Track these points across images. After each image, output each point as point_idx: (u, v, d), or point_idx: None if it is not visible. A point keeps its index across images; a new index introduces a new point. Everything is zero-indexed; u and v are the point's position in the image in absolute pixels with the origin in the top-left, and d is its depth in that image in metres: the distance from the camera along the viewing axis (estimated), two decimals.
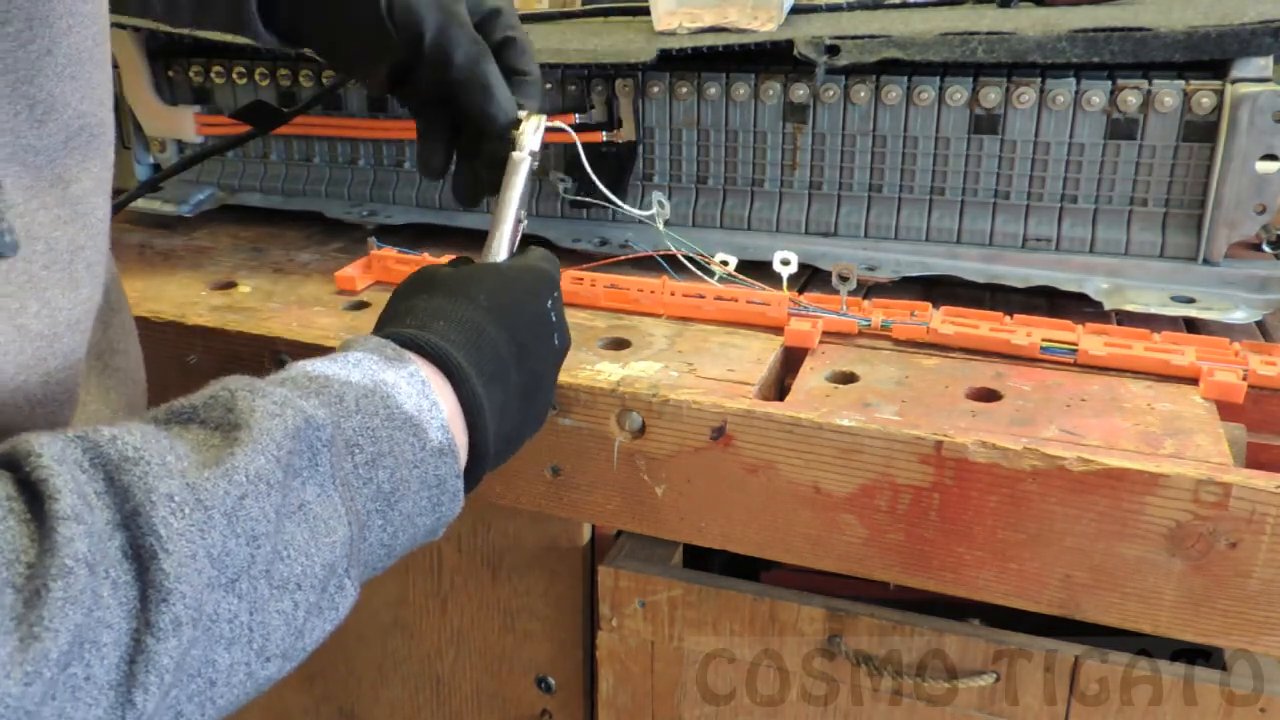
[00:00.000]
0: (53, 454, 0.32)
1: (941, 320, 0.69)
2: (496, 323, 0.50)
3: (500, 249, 0.59)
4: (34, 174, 0.37)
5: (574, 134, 0.66)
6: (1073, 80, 0.72)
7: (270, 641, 0.37)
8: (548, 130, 0.62)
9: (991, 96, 0.74)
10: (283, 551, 0.37)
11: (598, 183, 0.71)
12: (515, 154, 0.60)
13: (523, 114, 0.61)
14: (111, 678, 0.31)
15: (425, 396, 0.45)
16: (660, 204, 0.75)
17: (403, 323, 0.49)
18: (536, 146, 0.61)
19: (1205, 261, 0.73)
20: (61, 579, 0.30)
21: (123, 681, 0.31)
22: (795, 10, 0.93)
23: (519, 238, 0.60)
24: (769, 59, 0.79)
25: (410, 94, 0.62)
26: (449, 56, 0.58)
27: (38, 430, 0.37)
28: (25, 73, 0.36)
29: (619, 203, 0.74)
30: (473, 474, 0.49)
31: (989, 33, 0.72)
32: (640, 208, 0.79)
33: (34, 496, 0.31)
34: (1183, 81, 0.70)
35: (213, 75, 0.94)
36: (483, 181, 0.63)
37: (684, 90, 0.81)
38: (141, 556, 0.32)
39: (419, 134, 0.63)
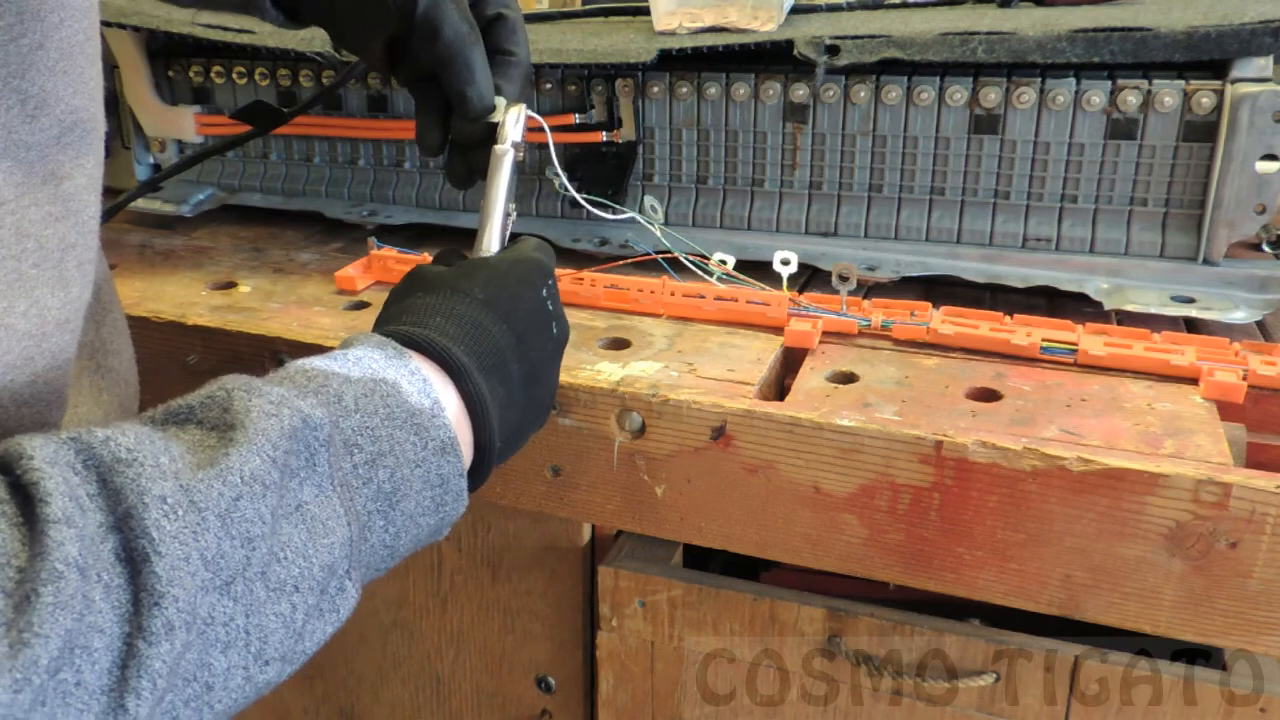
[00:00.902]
0: (45, 456, 0.32)
1: (941, 320, 0.69)
2: (493, 315, 0.50)
3: (491, 243, 0.58)
4: (25, 170, 0.37)
5: (549, 132, 0.66)
6: (1073, 80, 0.72)
7: (268, 644, 0.37)
8: (529, 131, 0.62)
9: (991, 96, 0.74)
10: (279, 553, 0.37)
11: (573, 192, 0.71)
12: (498, 147, 0.60)
13: (502, 102, 0.61)
14: (103, 683, 0.31)
15: (426, 395, 0.44)
16: (653, 208, 0.75)
17: (400, 321, 0.49)
18: (519, 138, 0.60)
19: (1205, 261, 0.73)
20: (52, 583, 0.29)
21: (115, 686, 0.31)
22: (795, 10, 0.93)
23: (509, 231, 0.60)
24: (769, 59, 0.79)
25: (407, 71, 0.62)
26: (437, 30, 0.58)
27: (26, 431, 0.37)
28: (16, 67, 0.36)
29: (593, 210, 0.74)
30: (479, 470, 0.48)
31: (989, 33, 0.72)
32: (637, 209, 0.79)
33: (26, 499, 0.31)
34: (1183, 81, 0.70)
35: (213, 75, 0.94)
36: (473, 165, 0.63)
37: (684, 90, 0.81)
38: (134, 559, 0.32)
39: (416, 111, 0.63)
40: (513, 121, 0.60)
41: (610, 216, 0.76)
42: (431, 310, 0.49)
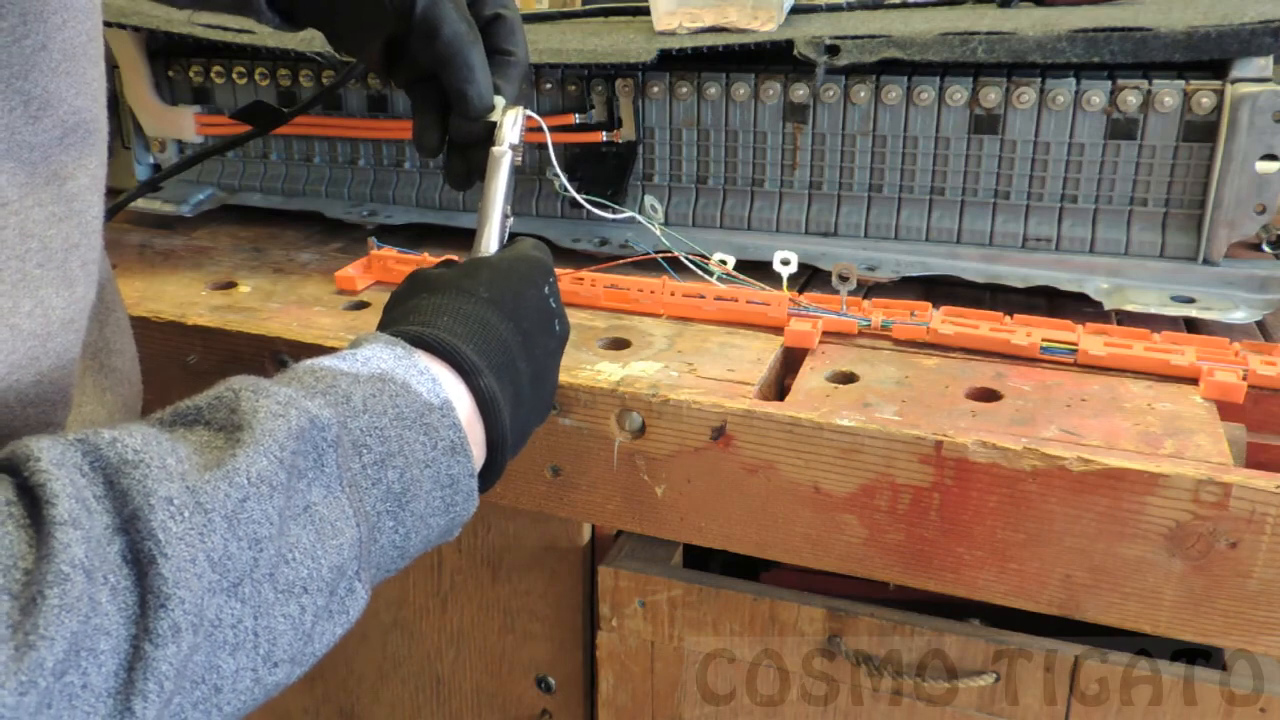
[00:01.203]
0: (52, 458, 0.32)
1: (941, 320, 0.69)
2: (500, 314, 0.50)
3: (490, 243, 0.58)
4: (29, 171, 0.37)
5: (548, 132, 0.66)
6: (1073, 80, 0.72)
7: (277, 646, 0.37)
8: (529, 131, 0.62)
9: (991, 96, 0.74)
10: (287, 554, 0.37)
11: (573, 193, 0.71)
12: (495, 149, 0.60)
13: (500, 102, 0.61)
14: (109, 685, 0.31)
15: (436, 394, 0.44)
16: (653, 207, 0.75)
17: (407, 322, 0.49)
18: (517, 140, 0.60)
19: (1205, 261, 0.73)
20: (58, 585, 0.29)
21: (121, 689, 0.31)
22: (795, 10, 0.93)
23: (507, 233, 0.60)
24: (769, 59, 0.79)
25: (405, 71, 0.62)
26: (436, 30, 0.58)
27: (31, 431, 0.37)
28: (20, 68, 0.36)
29: (593, 209, 0.74)
30: (491, 470, 0.48)
31: (989, 33, 0.72)
32: (637, 209, 0.79)
33: (33, 501, 0.31)
34: (1183, 81, 0.70)
35: (213, 75, 0.94)
36: (471, 165, 0.63)
37: (684, 90, 0.81)
38: (140, 561, 0.32)
39: (413, 111, 0.63)
40: (510, 123, 0.60)
41: (610, 216, 0.76)
42: (438, 310, 0.49)
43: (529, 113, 0.62)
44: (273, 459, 0.36)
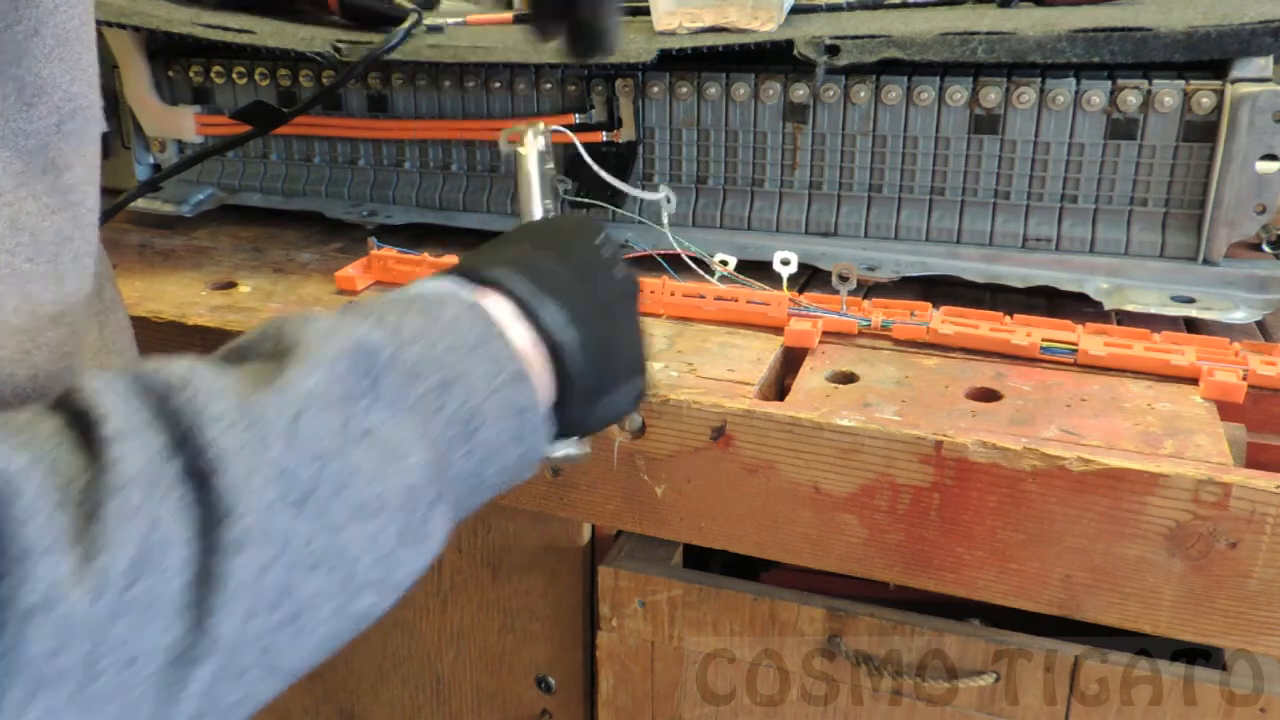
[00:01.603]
0: (98, 386, 0.31)
1: (941, 320, 0.69)
2: (548, 255, 0.48)
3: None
4: (24, 160, 0.37)
5: (573, 135, 0.66)
6: (1073, 80, 0.72)
7: (358, 569, 0.35)
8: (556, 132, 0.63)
9: (991, 96, 0.73)
10: (353, 471, 0.35)
11: (603, 174, 0.71)
12: (520, 150, 0.61)
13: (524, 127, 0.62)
14: (180, 601, 0.30)
15: (488, 323, 0.42)
16: (667, 199, 0.75)
17: (454, 270, 0.47)
18: (543, 147, 0.62)
19: (1205, 261, 0.73)
20: (117, 495, 0.29)
21: (194, 604, 0.30)
22: (795, 10, 0.93)
23: None
24: (769, 59, 0.79)
25: None
26: None
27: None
28: (12, 54, 0.35)
29: (625, 187, 0.74)
30: (565, 404, 0.45)
31: (989, 33, 0.72)
32: (638, 209, 0.79)
33: (85, 427, 0.31)
34: (1183, 81, 0.70)
35: (213, 75, 0.94)
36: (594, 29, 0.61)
37: (684, 90, 0.81)
38: (199, 476, 0.31)
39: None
40: (532, 136, 0.61)
41: (639, 193, 0.75)
42: (478, 254, 0.47)
43: (556, 127, 0.63)
44: (324, 374, 0.35)
